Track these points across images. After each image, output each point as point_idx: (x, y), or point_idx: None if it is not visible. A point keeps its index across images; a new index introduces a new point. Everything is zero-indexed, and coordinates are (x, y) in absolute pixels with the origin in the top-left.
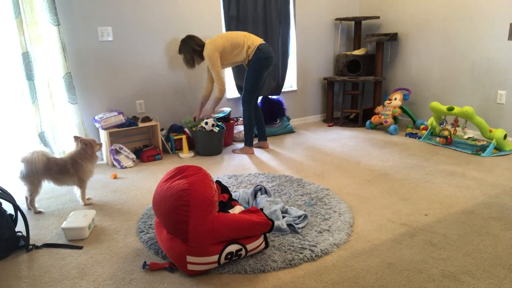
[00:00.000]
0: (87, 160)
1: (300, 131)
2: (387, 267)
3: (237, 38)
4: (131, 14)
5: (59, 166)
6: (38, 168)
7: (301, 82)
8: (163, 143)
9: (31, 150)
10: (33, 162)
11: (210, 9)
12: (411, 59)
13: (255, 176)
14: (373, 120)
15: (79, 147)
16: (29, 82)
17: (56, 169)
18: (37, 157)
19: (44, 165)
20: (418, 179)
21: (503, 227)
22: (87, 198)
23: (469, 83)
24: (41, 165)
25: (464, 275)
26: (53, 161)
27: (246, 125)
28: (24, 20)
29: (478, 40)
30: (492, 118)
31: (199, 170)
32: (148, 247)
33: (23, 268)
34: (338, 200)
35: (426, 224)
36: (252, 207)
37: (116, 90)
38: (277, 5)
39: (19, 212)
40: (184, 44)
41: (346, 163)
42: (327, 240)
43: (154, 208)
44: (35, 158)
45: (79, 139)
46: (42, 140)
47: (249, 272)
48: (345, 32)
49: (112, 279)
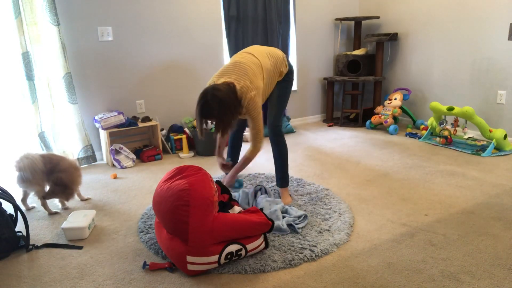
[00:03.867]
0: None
1: (300, 131)
2: (387, 267)
3: (273, 54)
4: (131, 14)
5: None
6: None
7: (301, 82)
8: (163, 143)
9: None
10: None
11: (210, 9)
12: (411, 59)
13: (255, 176)
14: (373, 120)
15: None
16: (29, 82)
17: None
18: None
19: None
20: (418, 179)
21: (503, 227)
22: (86, 198)
23: (469, 83)
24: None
25: (464, 275)
26: (55, 161)
27: (286, 159)
28: (24, 20)
29: (478, 40)
30: (492, 118)
31: (199, 170)
32: (148, 247)
33: (23, 268)
34: (338, 200)
35: (426, 224)
36: (252, 207)
37: (116, 90)
38: (277, 5)
39: (19, 212)
40: (223, 104)
41: (346, 163)
42: (327, 240)
43: (154, 208)
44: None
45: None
46: (42, 140)
47: (249, 272)
48: (345, 32)
49: (112, 279)
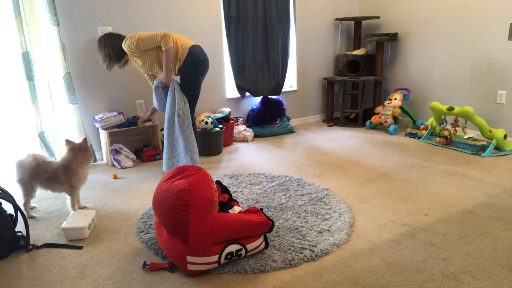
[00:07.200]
0: (82, 165)
1: (300, 131)
2: (387, 267)
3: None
4: (131, 14)
5: (48, 173)
6: (25, 173)
7: (301, 82)
8: (163, 143)
9: (26, 153)
10: (22, 166)
11: (210, 9)
12: (411, 59)
13: (255, 176)
14: (373, 120)
15: (70, 154)
16: (29, 82)
17: (44, 176)
18: (27, 161)
19: (32, 170)
20: (418, 179)
21: (503, 227)
22: (82, 206)
23: (469, 83)
24: (29, 170)
25: (464, 275)
26: (42, 167)
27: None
28: (24, 20)
29: (478, 40)
30: (492, 118)
31: (199, 170)
32: (148, 247)
33: (23, 268)
34: (338, 200)
35: (426, 224)
36: (252, 207)
37: (116, 90)
38: (277, 5)
39: (19, 212)
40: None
41: (346, 163)
42: (327, 240)
43: (154, 208)
44: (25, 163)
45: (69, 146)
46: (42, 140)
47: (249, 272)
48: (345, 32)
49: (112, 279)
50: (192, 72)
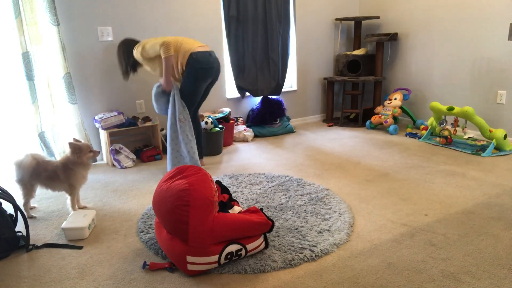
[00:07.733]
0: (79, 165)
1: (300, 131)
2: (387, 267)
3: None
4: (131, 14)
5: (48, 172)
6: (26, 173)
7: (301, 82)
8: (163, 143)
9: (25, 153)
10: (21, 166)
11: (210, 9)
12: (411, 59)
13: (255, 176)
14: (373, 120)
15: (70, 152)
16: (29, 82)
17: (45, 174)
18: (26, 161)
19: (33, 170)
20: (418, 179)
21: (503, 227)
22: (82, 206)
23: (469, 83)
24: (29, 169)
25: (464, 275)
26: (43, 166)
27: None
28: (24, 20)
29: (478, 40)
30: (492, 118)
31: (199, 170)
32: (148, 247)
33: (23, 268)
34: (338, 200)
35: (426, 224)
36: (252, 207)
37: (116, 90)
38: (277, 5)
39: (19, 212)
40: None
41: (346, 163)
42: (327, 240)
43: (154, 208)
44: (24, 162)
45: (71, 144)
46: (42, 140)
47: (249, 272)
48: (345, 32)
49: (112, 279)
50: (191, 78)
